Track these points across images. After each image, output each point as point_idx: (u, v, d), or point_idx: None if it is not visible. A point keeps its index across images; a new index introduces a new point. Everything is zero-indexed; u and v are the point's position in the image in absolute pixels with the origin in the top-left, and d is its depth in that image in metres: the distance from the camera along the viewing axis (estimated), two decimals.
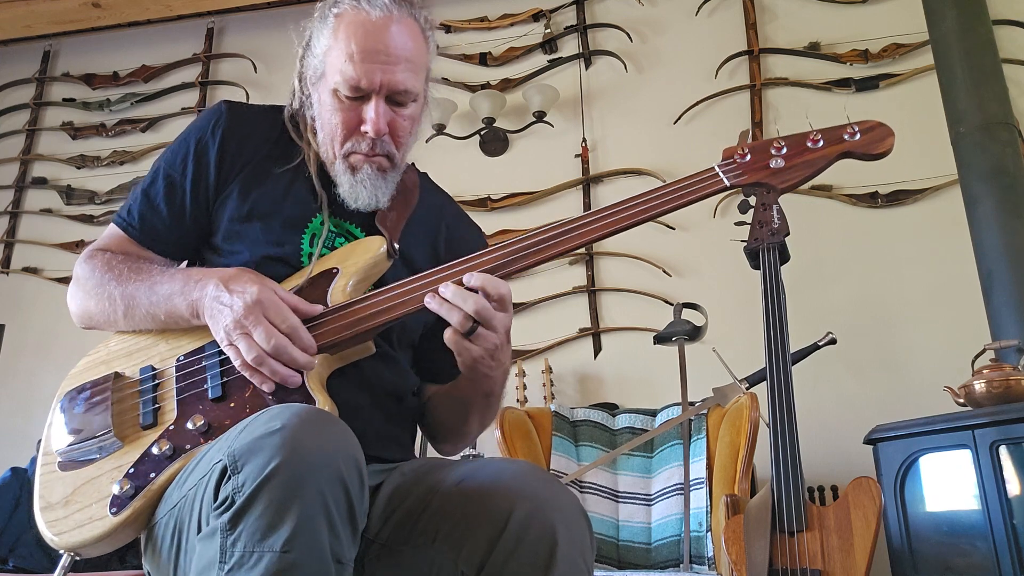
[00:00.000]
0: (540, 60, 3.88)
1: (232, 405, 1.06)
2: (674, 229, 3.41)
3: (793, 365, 1.71)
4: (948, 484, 2.40)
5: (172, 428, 1.06)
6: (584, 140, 3.67)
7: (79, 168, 4.19)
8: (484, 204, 3.65)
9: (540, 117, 3.64)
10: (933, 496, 2.42)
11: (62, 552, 1.05)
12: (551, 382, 3.24)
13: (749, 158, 1.17)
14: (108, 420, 1.09)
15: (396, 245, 1.21)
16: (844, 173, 2.41)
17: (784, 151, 1.18)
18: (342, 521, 0.84)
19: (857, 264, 3.29)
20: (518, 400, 3.20)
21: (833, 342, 2.42)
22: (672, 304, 2.98)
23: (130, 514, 1.01)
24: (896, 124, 1.22)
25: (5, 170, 4.26)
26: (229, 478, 0.83)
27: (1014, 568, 2.13)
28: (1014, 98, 3.11)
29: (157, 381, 1.12)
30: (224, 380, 1.08)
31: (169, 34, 4.31)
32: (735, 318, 3.02)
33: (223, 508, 0.83)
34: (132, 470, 1.04)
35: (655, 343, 2.80)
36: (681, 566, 2.31)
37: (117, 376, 1.14)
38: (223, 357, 1.09)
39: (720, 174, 1.16)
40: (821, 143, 1.18)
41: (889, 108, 3.40)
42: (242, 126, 1.25)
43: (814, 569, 1.53)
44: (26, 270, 4.04)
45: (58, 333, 3.69)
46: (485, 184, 3.70)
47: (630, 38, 3.77)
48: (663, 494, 2.51)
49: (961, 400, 2.48)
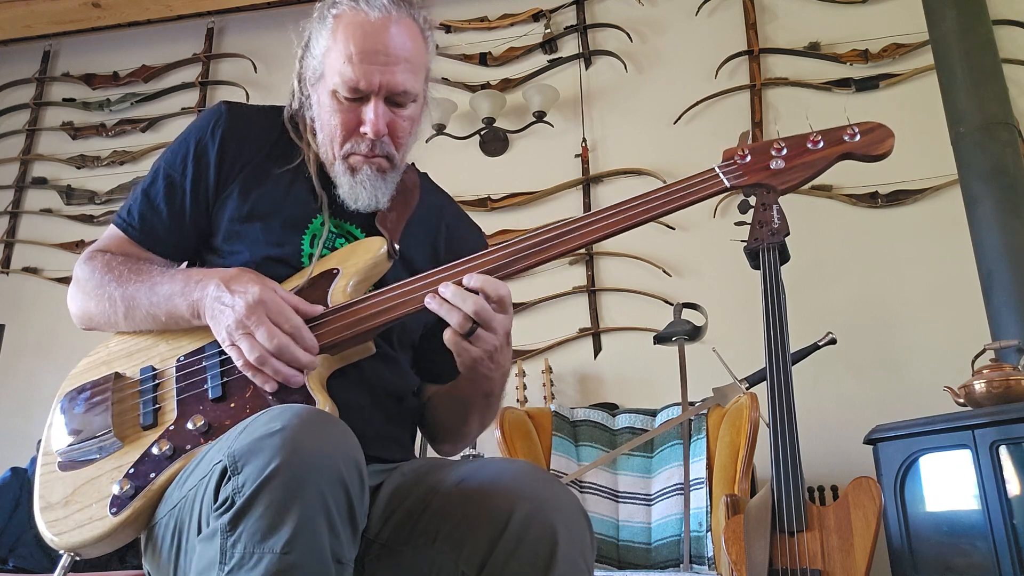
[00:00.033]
0: (540, 60, 3.88)
1: (232, 405, 1.06)
2: (674, 229, 3.41)
3: (793, 365, 1.71)
4: (948, 484, 2.40)
5: (172, 428, 1.06)
6: (584, 140, 3.67)
7: (79, 168, 4.19)
8: (484, 204, 3.65)
9: (540, 117, 3.64)
10: (933, 496, 2.42)
11: (62, 552, 1.05)
12: (551, 382, 3.24)
13: (749, 159, 1.17)
14: (108, 420, 1.09)
15: (396, 246, 1.21)
16: (844, 173, 2.41)
17: (784, 152, 1.18)
18: (342, 522, 0.84)
19: (857, 264, 3.29)
20: (518, 400, 3.20)
21: (833, 342, 2.42)
22: (672, 304, 2.98)
23: (130, 514, 1.01)
24: (896, 124, 1.22)
25: (5, 170, 4.26)
26: (229, 479, 0.84)
27: (1014, 568, 2.13)
28: (1014, 98, 3.11)
29: (157, 381, 1.12)
30: (224, 380, 1.08)
31: (169, 34, 4.31)
32: (735, 318, 3.02)
33: (223, 509, 0.83)
34: (132, 470, 1.04)
35: (655, 343, 2.80)
36: (681, 566, 2.31)
37: (117, 376, 1.14)
38: (223, 357, 1.09)
39: (720, 175, 1.16)
40: (821, 144, 1.18)
41: (889, 108, 3.40)
42: (242, 127, 1.25)
43: (814, 569, 1.53)
44: (26, 270, 4.04)
45: (58, 333, 3.69)
46: (485, 184, 3.70)
47: (630, 38, 3.77)
48: (663, 494, 2.51)
49: (961, 400, 2.48)
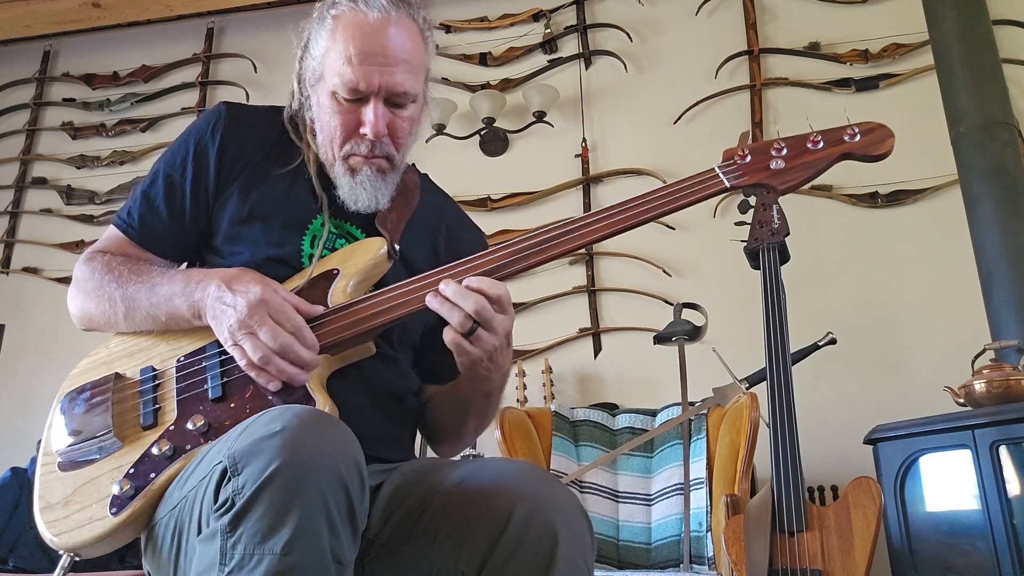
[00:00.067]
0: (540, 60, 3.88)
1: (232, 406, 1.06)
2: (674, 229, 3.41)
3: (793, 365, 1.71)
4: (948, 484, 2.40)
5: (172, 428, 1.06)
6: (584, 140, 3.66)
7: (79, 168, 4.19)
8: (484, 204, 3.65)
9: (540, 117, 3.64)
10: (933, 496, 2.42)
11: (62, 552, 1.05)
12: (551, 382, 3.24)
13: (749, 159, 1.17)
14: (108, 420, 1.09)
15: (396, 246, 1.21)
16: (844, 173, 2.41)
17: (784, 152, 1.18)
18: (343, 522, 0.84)
19: (857, 264, 3.29)
20: (518, 400, 3.20)
21: (833, 342, 2.42)
22: (672, 304, 2.98)
23: (130, 514, 1.01)
24: (896, 124, 1.22)
25: (5, 170, 4.26)
26: (229, 480, 0.84)
27: (1014, 568, 2.12)
28: (1014, 98, 3.11)
29: (157, 382, 1.12)
30: (224, 381, 1.08)
31: (169, 34, 4.31)
32: (735, 318, 3.02)
33: (223, 510, 0.83)
34: (132, 470, 1.04)
35: (655, 343, 2.80)
36: (681, 566, 2.31)
37: (118, 377, 1.14)
38: (223, 358, 1.09)
39: (720, 175, 1.16)
40: (821, 144, 1.18)
41: (889, 108, 3.40)
42: (241, 127, 1.25)
43: (814, 569, 1.53)
44: (26, 270, 4.04)
45: (58, 333, 3.69)
46: (485, 184, 3.69)
47: (630, 38, 3.77)
48: (663, 494, 2.51)
49: (961, 400, 2.48)
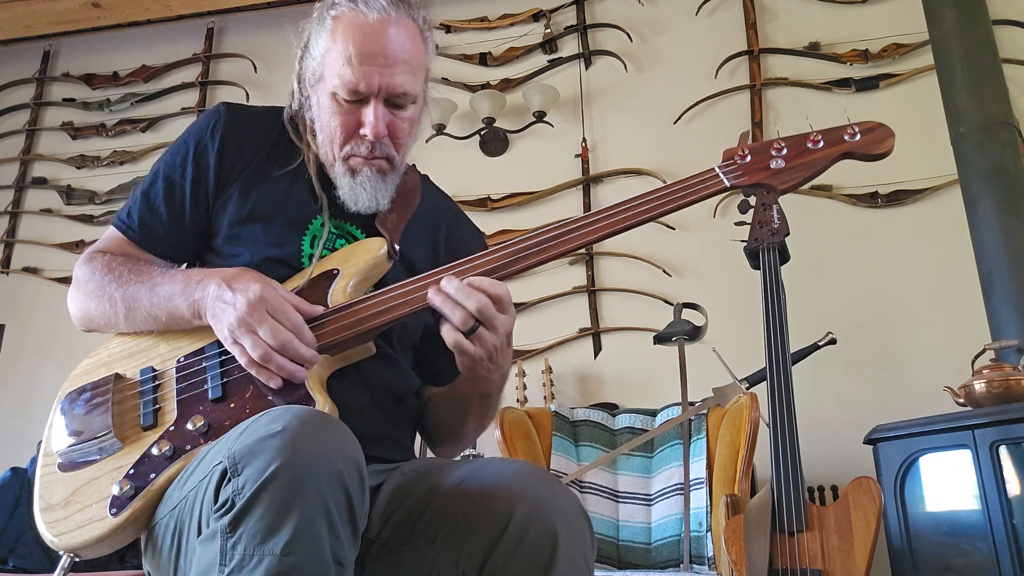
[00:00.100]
0: (540, 60, 3.88)
1: (232, 406, 1.06)
2: (674, 229, 3.41)
3: (793, 365, 1.71)
4: (948, 484, 2.40)
5: (172, 429, 1.06)
6: (584, 140, 3.66)
7: (79, 168, 4.18)
8: (484, 204, 3.65)
9: (540, 117, 3.64)
10: (933, 496, 2.42)
11: (62, 553, 1.05)
12: (551, 382, 3.24)
13: (749, 159, 1.18)
14: (108, 421, 1.09)
15: (396, 246, 1.21)
16: (844, 173, 2.41)
17: (784, 152, 1.18)
18: (343, 523, 0.84)
19: (857, 264, 3.29)
20: (518, 400, 3.20)
21: (833, 342, 2.42)
22: (672, 304, 2.98)
23: (130, 515, 1.01)
24: (896, 124, 1.22)
25: (5, 170, 4.26)
26: (229, 480, 0.83)
27: (1014, 568, 2.13)
28: (1014, 98, 3.11)
29: (158, 382, 1.12)
30: (224, 381, 1.08)
31: (169, 34, 4.31)
32: (735, 318, 3.02)
33: (223, 510, 0.83)
34: (132, 471, 1.04)
35: (655, 343, 2.80)
36: (681, 566, 2.31)
37: (118, 377, 1.14)
38: (223, 358, 1.09)
39: (720, 175, 1.16)
40: (821, 144, 1.18)
41: (889, 108, 3.40)
42: (241, 128, 1.25)
43: (814, 569, 1.53)
44: (26, 270, 4.04)
45: (58, 333, 3.69)
46: (485, 184, 3.69)
47: (630, 38, 3.77)
48: (663, 494, 2.51)
49: (961, 400, 2.48)
